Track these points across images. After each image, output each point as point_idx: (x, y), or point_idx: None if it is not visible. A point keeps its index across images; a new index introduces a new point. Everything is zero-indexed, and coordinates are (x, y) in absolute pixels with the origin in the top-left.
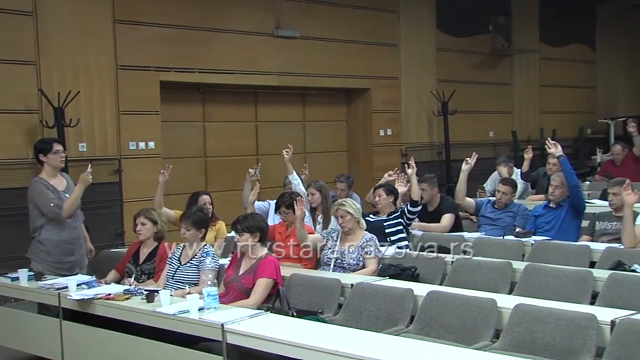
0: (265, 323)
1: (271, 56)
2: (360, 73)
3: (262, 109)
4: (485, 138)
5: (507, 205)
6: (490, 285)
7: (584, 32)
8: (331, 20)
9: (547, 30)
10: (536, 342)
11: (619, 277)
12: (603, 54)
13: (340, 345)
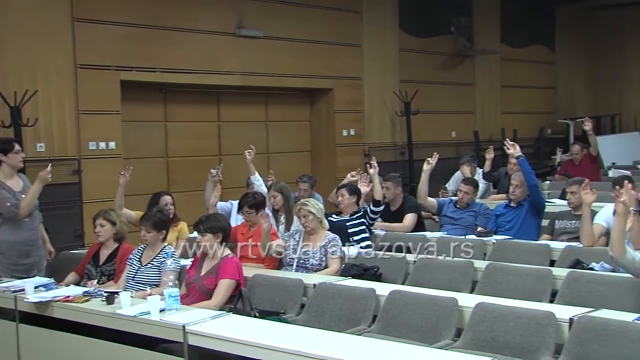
0: (227, 324)
1: (234, 56)
2: (323, 73)
3: (225, 109)
4: (447, 138)
5: (468, 205)
6: (452, 284)
7: (544, 34)
8: (294, 20)
9: (508, 32)
10: (497, 341)
11: (577, 275)
12: (562, 55)
13: (303, 346)
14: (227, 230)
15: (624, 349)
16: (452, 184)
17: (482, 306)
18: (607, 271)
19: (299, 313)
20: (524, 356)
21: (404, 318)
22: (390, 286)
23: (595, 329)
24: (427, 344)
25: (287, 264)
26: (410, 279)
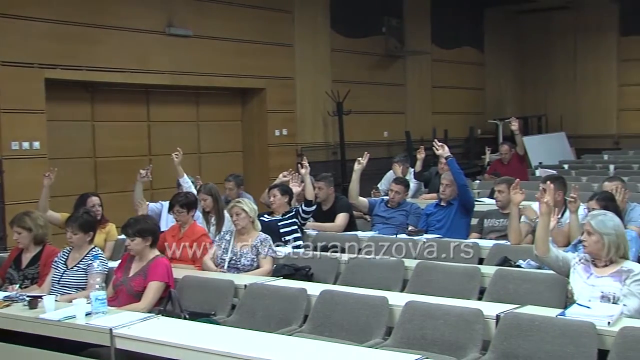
0: (156, 326)
1: (163, 55)
2: (255, 73)
3: (155, 109)
4: (379, 138)
5: (400, 204)
6: (383, 283)
7: (473, 36)
8: (225, 19)
9: (438, 33)
10: (426, 338)
11: (505, 273)
12: (491, 56)
13: (233, 347)
14: (156, 232)
15: (547, 343)
16: (384, 183)
17: (412, 304)
18: (534, 268)
19: (230, 314)
20: (452, 353)
21: (334, 318)
22: (321, 286)
23: (520, 325)
24: (357, 343)
25: (218, 265)
26: (342, 279)
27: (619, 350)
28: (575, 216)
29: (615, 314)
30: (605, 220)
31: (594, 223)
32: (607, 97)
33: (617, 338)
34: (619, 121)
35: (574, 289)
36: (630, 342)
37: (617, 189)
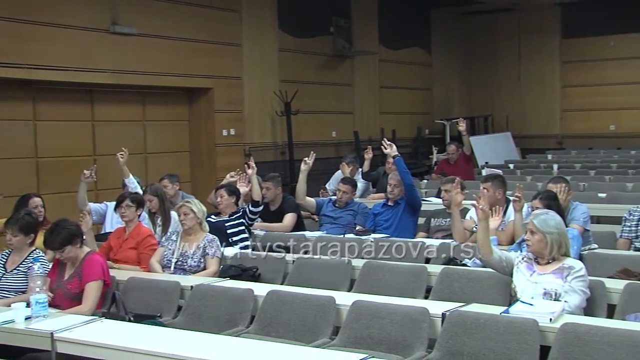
0: (99, 329)
1: (107, 53)
2: (202, 72)
3: (99, 108)
4: (327, 138)
5: (347, 204)
6: (331, 283)
7: (420, 36)
8: (170, 17)
9: (386, 34)
10: (373, 337)
11: (451, 272)
12: (438, 57)
13: (178, 349)
14: (79, 232)
15: (491, 340)
16: (332, 183)
17: (359, 304)
18: (479, 267)
19: (176, 316)
20: (398, 352)
21: (281, 318)
22: (268, 286)
23: (465, 323)
24: (304, 343)
25: (164, 266)
26: (289, 279)
27: (560, 346)
28: (519, 215)
29: (557, 310)
30: (547, 220)
31: (537, 222)
32: (551, 98)
33: (559, 334)
34: (562, 121)
35: (517, 287)
36: (571, 337)
37: (560, 189)
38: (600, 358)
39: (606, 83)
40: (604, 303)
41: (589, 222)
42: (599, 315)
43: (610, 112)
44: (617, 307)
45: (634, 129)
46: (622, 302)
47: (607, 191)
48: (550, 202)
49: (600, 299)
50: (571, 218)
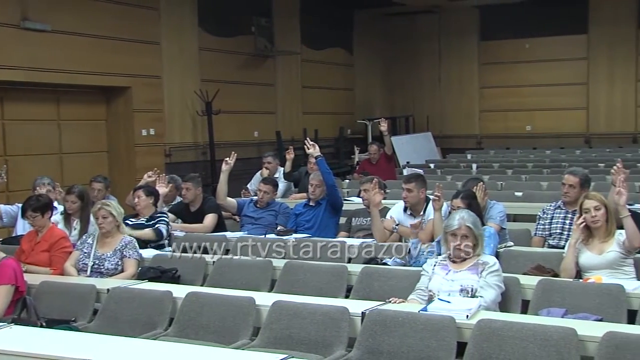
0: (8, 336)
1: (18, 50)
2: (120, 71)
3: (10, 107)
4: (250, 138)
5: (268, 204)
6: (252, 283)
7: (342, 37)
8: (86, 14)
9: (308, 34)
10: (293, 337)
11: (371, 271)
12: (360, 58)
13: (93, 354)
14: None
15: (410, 338)
16: (254, 183)
17: (279, 304)
18: (399, 265)
19: (91, 320)
20: (318, 351)
21: (201, 320)
22: (188, 288)
23: (384, 321)
24: (224, 345)
25: (80, 270)
26: (210, 280)
27: (476, 342)
28: (438, 214)
29: (474, 307)
30: (476, 222)
31: (472, 225)
32: (470, 99)
33: (475, 330)
34: (481, 122)
35: (434, 288)
36: (486, 333)
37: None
38: (514, 352)
39: (522, 84)
40: (519, 299)
41: (506, 221)
42: (513, 311)
43: (526, 113)
44: (530, 303)
45: (549, 129)
46: (536, 298)
47: (523, 190)
48: (471, 201)
49: (515, 295)
50: (489, 217)
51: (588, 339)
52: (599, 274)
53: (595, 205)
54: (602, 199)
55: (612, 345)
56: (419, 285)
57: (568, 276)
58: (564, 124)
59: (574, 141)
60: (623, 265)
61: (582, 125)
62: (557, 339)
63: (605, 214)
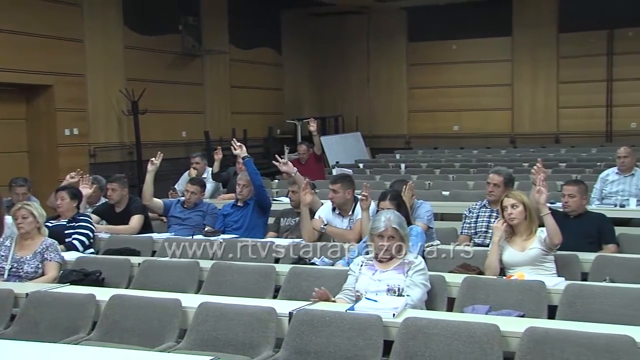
0: None
1: None
2: (41, 68)
3: None
4: (177, 138)
5: (196, 205)
6: (178, 285)
7: (270, 37)
8: (5, 9)
9: (236, 33)
10: (220, 339)
11: (299, 271)
12: (289, 57)
13: None
14: None
15: (337, 337)
16: (181, 184)
17: (205, 306)
18: (327, 265)
19: (9, 326)
20: (245, 352)
21: (125, 323)
22: (112, 291)
23: (312, 321)
24: (149, 348)
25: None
26: (135, 282)
27: (402, 340)
28: (366, 214)
29: (400, 306)
30: (402, 222)
31: (398, 226)
32: (399, 99)
33: (401, 329)
34: (409, 122)
35: (361, 289)
36: (412, 331)
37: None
38: (439, 349)
39: (450, 85)
40: (445, 297)
41: (433, 220)
42: (439, 309)
43: (453, 113)
44: (456, 300)
45: (476, 130)
46: (461, 295)
47: (451, 189)
48: (400, 201)
49: (441, 293)
50: (416, 216)
51: (510, 334)
52: (521, 271)
53: (512, 203)
54: (520, 197)
55: (532, 340)
56: (346, 285)
57: (492, 273)
58: (490, 124)
59: (500, 141)
60: (544, 262)
61: (507, 126)
62: (480, 335)
63: (524, 212)
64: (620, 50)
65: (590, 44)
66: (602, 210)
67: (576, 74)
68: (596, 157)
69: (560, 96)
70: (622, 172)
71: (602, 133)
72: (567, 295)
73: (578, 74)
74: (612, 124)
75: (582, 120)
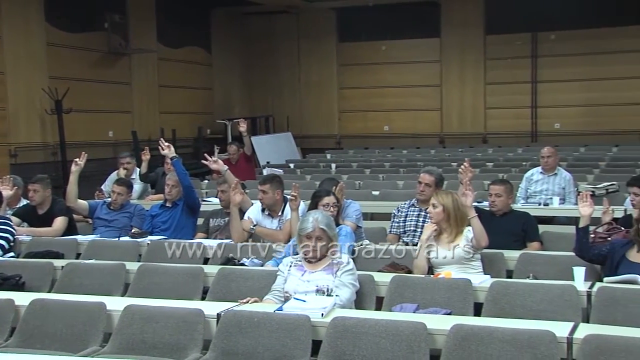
0: None
1: None
2: None
3: None
4: (104, 138)
5: (123, 206)
6: (103, 288)
7: (200, 36)
8: None
9: (164, 32)
10: (146, 342)
11: (227, 272)
12: (219, 57)
13: None
14: None
15: (266, 338)
16: (108, 184)
17: (131, 309)
18: (257, 266)
19: None
20: (172, 355)
21: (47, 328)
22: (33, 295)
23: (240, 322)
24: (72, 354)
25: None
26: (58, 286)
27: (330, 340)
28: (295, 214)
29: (328, 305)
30: (330, 223)
31: (326, 227)
32: (329, 100)
33: (329, 328)
34: (340, 122)
35: (290, 289)
36: (340, 331)
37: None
38: (367, 348)
39: (380, 86)
40: (373, 296)
41: (362, 219)
42: (368, 308)
43: (384, 114)
44: (384, 300)
45: (406, 130)
46: (389, 294)
47: (380, 189)
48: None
49: (370, 292)
50: (345, 215)
51: (437, 332)
52: (448, 269)
53: (433, 202)
54: (442, 199)
55: (458, 337)
56: (275, 285)
57: (420, 272)
58: (419, 125)
59: (429, 141)
60: (471, 260)
61: (436, 126)
62: (407, 333)
63: (442, 213)
64: (544, 53)
65: (516, 46)
66: (526, 209)
67: (502, 76)
68: (522, 157)
69: (488, 97)
70: (546, 172)
71: (527, 133)
72: (493, 292)
73: (504, 76)
74: (537, 124)
75: (508, 120)
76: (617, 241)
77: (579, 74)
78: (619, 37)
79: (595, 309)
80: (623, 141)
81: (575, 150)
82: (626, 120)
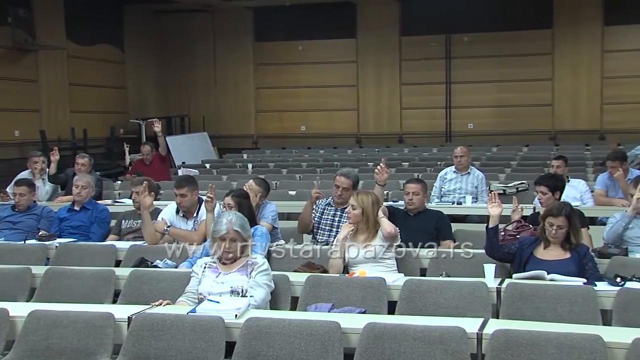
0: None
1: None
2: None
3: None
4: (10, 138)
5: (29, 208)
6: (7, 293)
7: (112, 33)
8: None
9: (74, 29)
10: (52, 348)
11: (140, 274)
12: (132, 55)
13: None
14: None
15: (179, 341)
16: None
17: (36, 314)
18: (171, 267)
19: None
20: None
21: None
22: None
23: (151, 325)
24: None
25: None
26: None
27: (244, 341)
28: (211, 215)
29: (242, 306)
30: (244, 224)
31: (240, 228)
32: (246, 99)
33: (243, 329)
34: (257, 122)
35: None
36: (254, 332)
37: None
38: (282, 348)
39: (297, 86)
40: (288, 296)
41: (277, 220)
42: (283, 308)
43: (301, 114)
44: (299, 299)
45: (322, 130)
46: (304, 294)
47: (297, 189)
48: (241, 200)
49: (285, 292)
50: (261, 216)
51: (350, 331)
52: (363, 268)
53: (353, 204)
54: (361, 202)
55: (372, 336)
56: (189, 287)
57: (336, 272)
58: (336, 125)
59: (346, 141)
60: (385, 259)
61: (353, 126)
62: (321, 333)
63: (361, 216)
64: (457, 54)
65: (430, 48)
66: (440, 208)
67: (417, 76)
68: (437, 157)
69: (403, 97)
70: (459, 171)
71: (442, 133)
72: (406, 290)
73: (419, 76)
74: (451, 124)
75: (423, 120)
76: (525, 239)
77: (490, 76)
78: (528, 40)
79: (505, 305)
80: (533, 141)
81: (488, 150)
82: (536, 120)
